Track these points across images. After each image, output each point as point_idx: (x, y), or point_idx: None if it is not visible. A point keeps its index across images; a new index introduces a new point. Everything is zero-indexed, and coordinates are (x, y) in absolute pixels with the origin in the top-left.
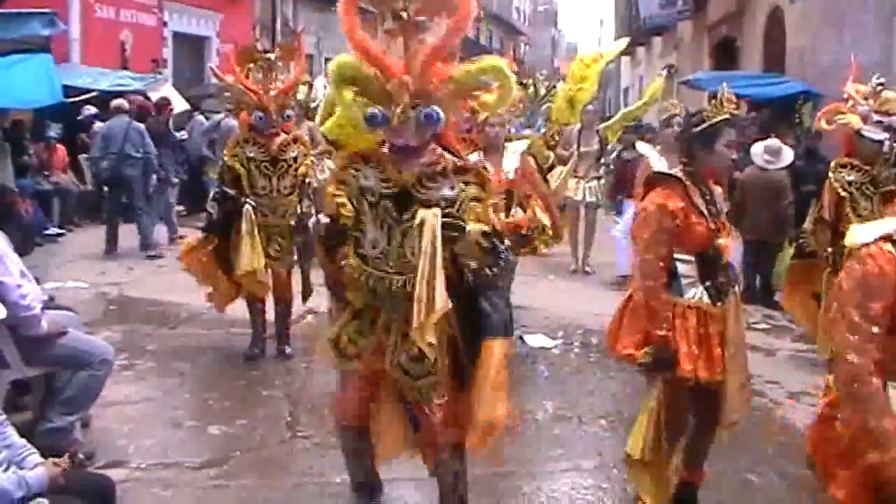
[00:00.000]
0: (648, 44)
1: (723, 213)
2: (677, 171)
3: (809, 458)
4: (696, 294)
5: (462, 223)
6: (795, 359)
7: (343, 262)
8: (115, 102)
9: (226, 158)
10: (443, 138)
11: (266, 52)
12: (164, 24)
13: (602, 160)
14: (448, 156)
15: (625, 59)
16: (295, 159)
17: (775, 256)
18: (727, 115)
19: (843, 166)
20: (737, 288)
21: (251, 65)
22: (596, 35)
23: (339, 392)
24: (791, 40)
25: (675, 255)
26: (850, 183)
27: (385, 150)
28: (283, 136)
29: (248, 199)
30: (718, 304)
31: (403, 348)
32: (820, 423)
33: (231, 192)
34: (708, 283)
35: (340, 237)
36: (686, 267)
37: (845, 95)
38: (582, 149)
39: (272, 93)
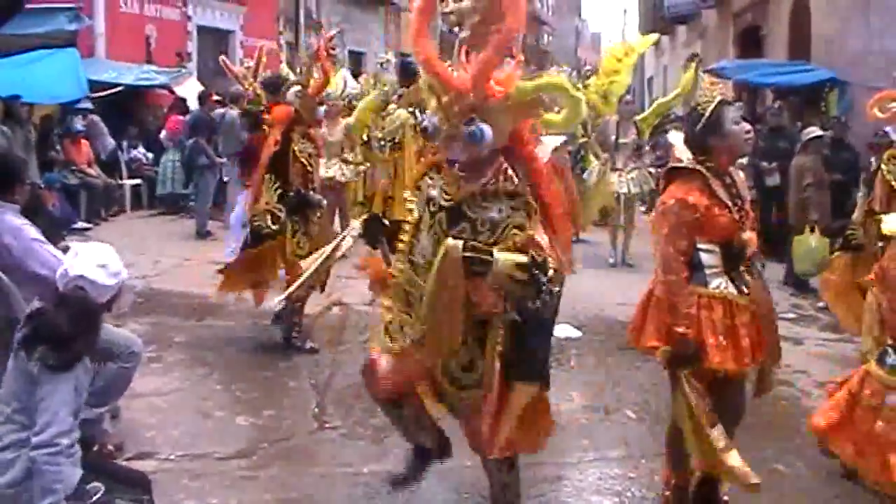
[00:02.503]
0: (672, 33)
1: (747, 200)
2: (697, 162)
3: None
4: (721, 284)
5: (489, 258)
6: (823, 348)
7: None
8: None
9: (297, 154)
10: (516, 152)
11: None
12: (189, 18)
13: (639, 151)
14: (503, 178)
15: (649, 49)
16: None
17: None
18: (719, 98)
19: None
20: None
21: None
22: (620, 24)
23: (371, 366)
24: (817, 27)
25: (699, 246)
26: None
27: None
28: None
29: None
30: (744, 292)
31: (455, 359)
32: (860, 420)
33: (303, 190)
34: (733, 273)
35: (378, 232)
36: (710, 257)
37: None
38: (620, 140)
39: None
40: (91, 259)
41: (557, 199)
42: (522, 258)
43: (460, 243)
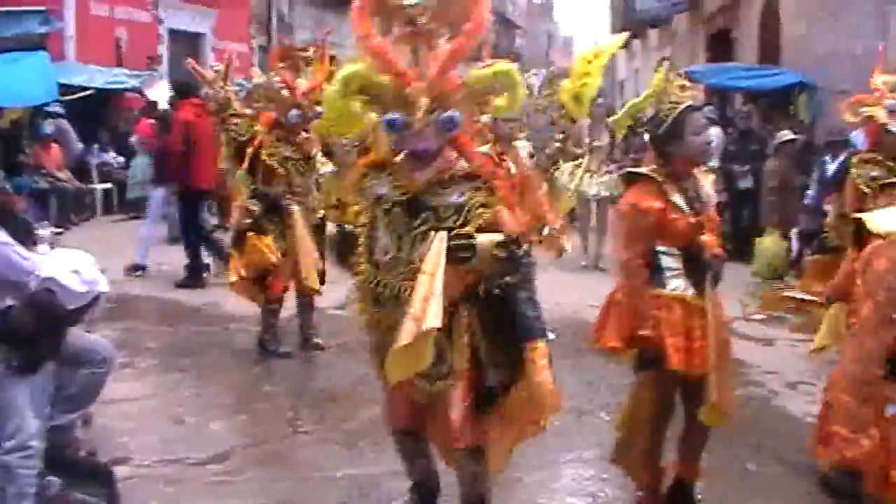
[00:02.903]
0: (644, 36)
1: (711, 204)
2: (650, 169)
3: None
4: (679, 286)
5: (473, 244)
6: (793, 348)
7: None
8: None
9: (264, 158)
10: (457, 140)
11: (300, 50)
12: (160, 21)
13: (612, 154)
14: (459, 162)
15: (620, 52)
16: (316, 155)
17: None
18: (688, 103)
19: (867, 161)
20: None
21: (280, 63)
22: (592, 27)
23: (387, 395)
24: (786, 30)
25: (659, 248)
26: (873, 178)
27: (400, 157)
28: (304, 134)
29: (290, 200)
30: (703, 296)
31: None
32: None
33: (269, 191)
34: (693, 277)
35: (350, 246)
36: (670, 259)
37: (871, 87)
38: (594, 143)
39: (302, 90)
40: (66, 263)
41: (500, 176)
42: (499, 237)
43: (443, 234)
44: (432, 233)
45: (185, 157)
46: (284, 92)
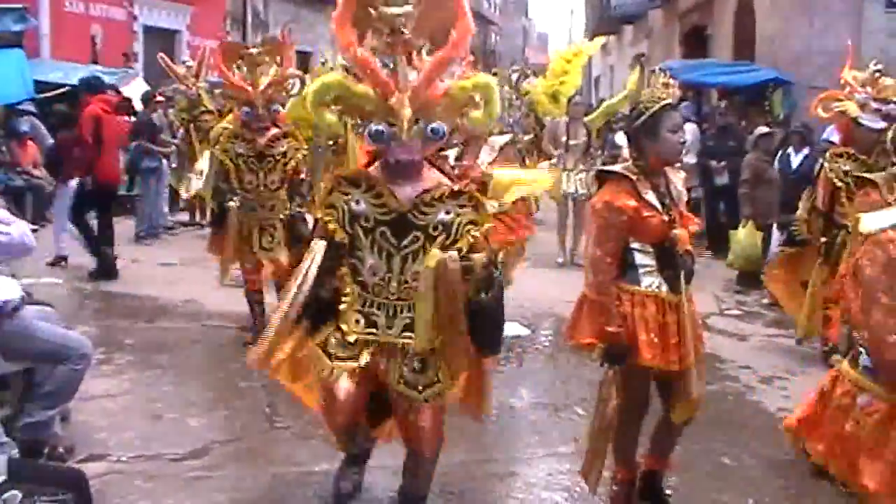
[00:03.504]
0: (619, 32)
1: (682, 201)
2: (623, 167)
3: (805, 453)
4: (653, 283)
5: (471, 263)
6: (767, 344)
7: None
8: None
9: (217, 153)
10: (433, 154)
11: (252, 47)
12: (135, 17)
13: (590, 152)
14: (443, 180)
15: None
16: (284, 154)
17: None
18: (668, 101)
19: (840, 156)
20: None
21: (239, 60)
22: (567, 24)
23: (326, 399)
24: (761, 27)
25: (633, 246)
26: (846, 173)
27: (380, 173)
28: (273, 131)
29: (234, 197)
30: (676, 292)
31: (405, 362)
32: (830, 419)
33: (222, 185)
34: (666, 273)
35: (337, 259)
36: (643, 256)
37: (842, 82)
38: (571, 141)
39: (260, 88)
40: None
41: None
42: (483, 257)
43: (454, 254)
44: (437, 254)
45: (92, 153)
46: (235, 90)
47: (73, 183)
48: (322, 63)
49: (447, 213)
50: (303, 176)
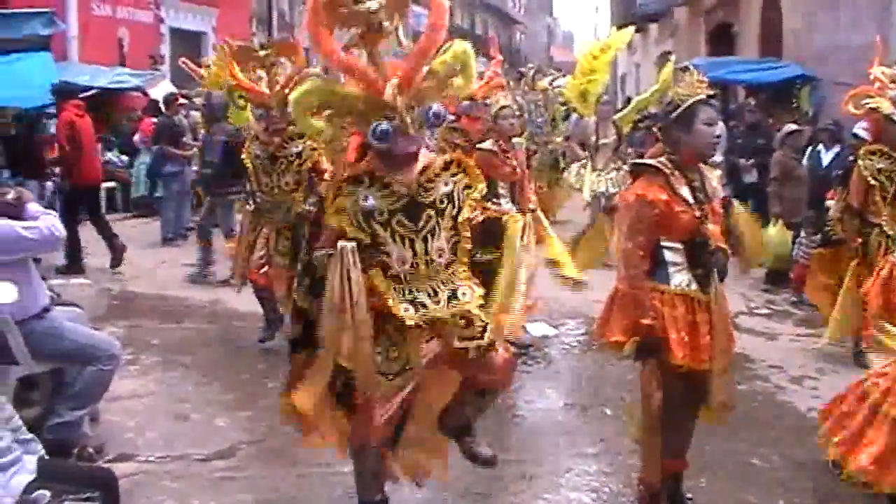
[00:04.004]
0: (644, 30)
1: (716, 198)
2: (657, 160)
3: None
4: (683, 281)
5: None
6: (797, 343)
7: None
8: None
9: (244, 155)
10: None
11: (262, 47)
12: (161, 20)
13: (619, 150)
14: (430, 155)
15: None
16: (299, 155)
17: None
18: (702, 95)
19: (873, 153)
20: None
21: (253, 63)
22: (592, 22)
23: (362, 414)
24: (787, 23)
25: (663, 243)
26: (879, 171)
27: (377, 164)
28: (287, 131)
29: (249, 199)
30: (707, 290)
31: (455, 325)
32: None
33: (249, 186)
34: (697, 270)
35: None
36: (673, 254)
37: (871, 78)
38: (601, 141)
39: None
40: None
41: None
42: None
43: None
44: (437, 227)
45: (69, 155)
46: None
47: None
48: (213, 47)
49: (446, 184)
50: (327, 175)
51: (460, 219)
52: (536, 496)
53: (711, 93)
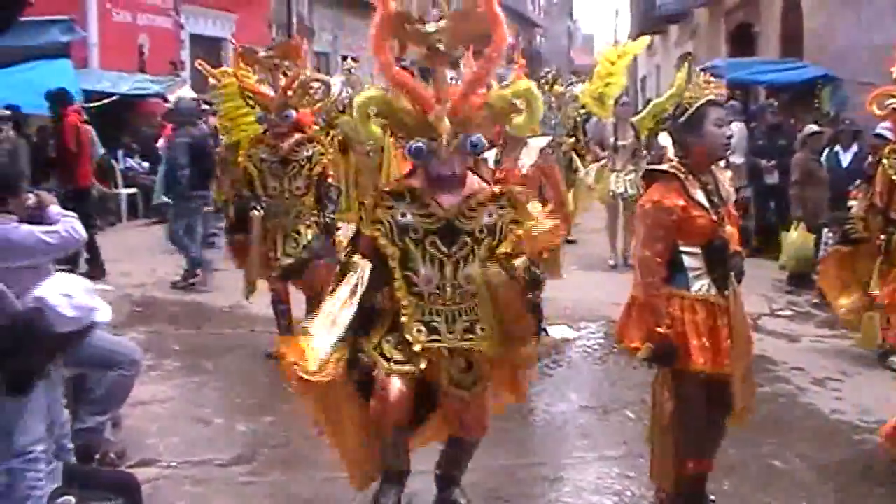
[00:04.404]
0: (664, 32)
1: (730, 200)
2: (671, 165)
3: None
4: (703, 286)
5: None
6: (819, 345)
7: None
8: None
9: (241, 159)
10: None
11: (266, 50)
12: (181, 26)
13: (637, 153)
14: (482, 184)
15: (641, 49)
16: (309, 159)
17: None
18: (710, 97)
19: None
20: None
21: (257, 66)
22: (612, 25)
23: (381, 394)
24: (808, 24)
25: (681, 248)
26: None
27: (418, 182)
28: (296, 136)
29: (256, 204)
30: (725, 294)
31: (452, 364)
32: None
33: (245, 192)
34: (715, 274)
35: (381, 277)
36: (692, 259)
37: (894, 77)
38: (619, 142)
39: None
40: (58, 286)
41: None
42: (525, 260)
43: (497, 269)
44: (472, 255)
45: (71, 159)
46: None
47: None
48: (349, 70)
49: (490, 215)
50: (331, 181)
51: (498, 251)
52: (558, 499)
53: (722, 93)
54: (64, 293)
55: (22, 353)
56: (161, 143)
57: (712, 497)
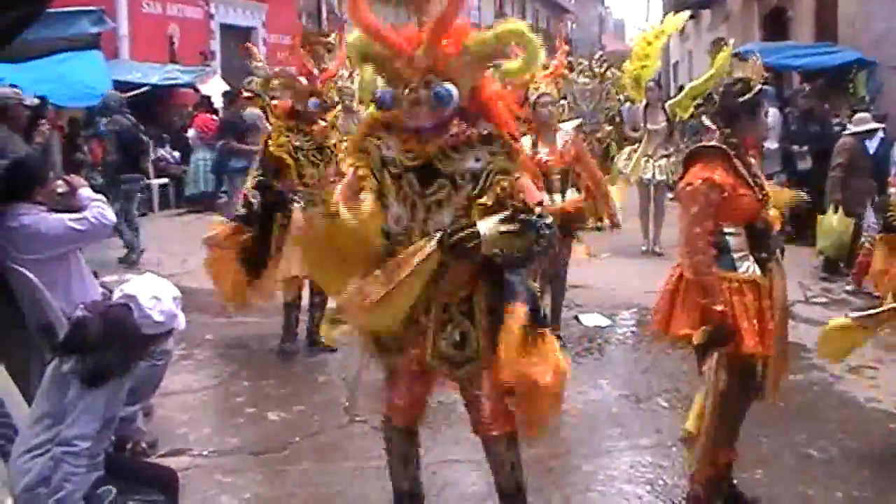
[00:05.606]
0: (697, 17)
1: (764, 184)
2: (719, 142)
3: None
4: (749, 268)
5: (477, 237)
6: None
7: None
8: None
9: (271, 148)
10: (486, 105)
11: (325, 35)
12: (211, 16)
13: (672, 137)
14: (477, 124)
15: (673, 34)
16: (335, 146)
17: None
18: (763, 85)
19: None
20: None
21: (318, 46)
22: (643, 11)
23: (388, 390)
24: (843, 7)
25: (725, 230)
26: None
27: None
28: (321, 123)
29: (296, 197)
30: (767, 275)
31: (442, 336)
32: None
33: (276, 183)
34: (759, 255)
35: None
36: (736, 240)
37: None
38: (649, 126)
39: (320, 78)
40: (149, 287)
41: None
42: (502, 215)
43: (435, 241)
44: (447, 201)
45: None
46: (303, 79)
47: None
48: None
49: (477, 160)
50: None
51: (478, 202)
52: (590, 489)
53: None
54: (155, 296)
55: (106, 347)
56: (192, 132)
57: (735, 481)
